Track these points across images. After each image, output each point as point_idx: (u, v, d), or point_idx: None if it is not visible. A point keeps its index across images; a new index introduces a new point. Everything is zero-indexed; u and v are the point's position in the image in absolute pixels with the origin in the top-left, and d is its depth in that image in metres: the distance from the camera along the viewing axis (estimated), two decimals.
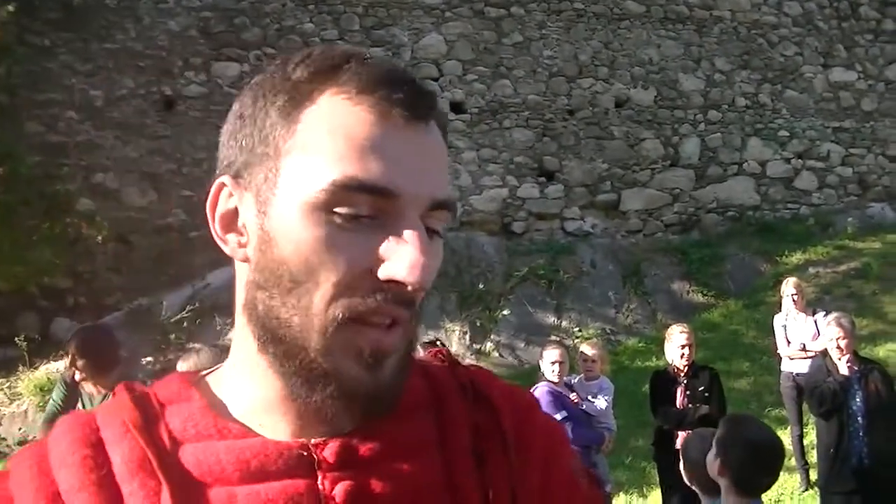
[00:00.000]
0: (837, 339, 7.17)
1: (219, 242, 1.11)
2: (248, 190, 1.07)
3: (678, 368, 7.83)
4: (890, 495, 6.87)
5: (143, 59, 14.48)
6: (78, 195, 13.53)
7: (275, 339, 1.04)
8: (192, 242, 13.82)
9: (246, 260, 1.07)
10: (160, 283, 13.27)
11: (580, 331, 13.49)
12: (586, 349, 8.20)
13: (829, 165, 17.66)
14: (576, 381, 7.88)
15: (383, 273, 1.00)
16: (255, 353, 1.07)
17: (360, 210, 1.00)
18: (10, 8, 12.99)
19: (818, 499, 7.70)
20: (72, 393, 6.18)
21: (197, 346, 10.90)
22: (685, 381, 7.73)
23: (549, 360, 7.45)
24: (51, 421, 6.16)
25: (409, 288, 0.99)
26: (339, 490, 1.03)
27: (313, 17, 15.41)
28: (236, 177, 1.09)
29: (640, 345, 13.48)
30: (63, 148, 13.83)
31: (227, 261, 1.10)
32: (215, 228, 1.10)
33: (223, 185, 1.10)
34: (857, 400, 6.98)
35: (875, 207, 17.46)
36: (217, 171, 1.12)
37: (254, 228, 1.06)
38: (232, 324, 1.15)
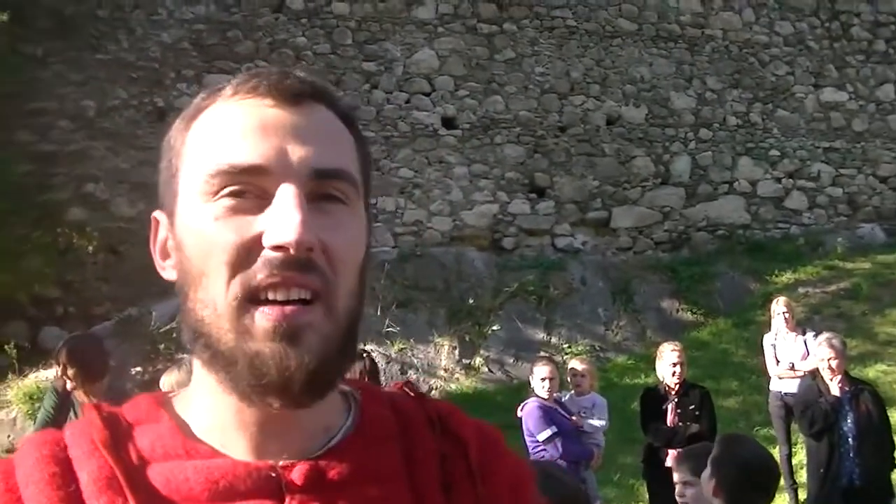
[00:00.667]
0: (829, 359, 7.18)
1: (161, 274, 1.16)
2: (166, 212, 1.14)
3: (669, 386, 7.86)
4: None
5: (136, 70, 14.48)
6: (69, 205, 13.52)
7: (199, 340, 1.05)
8: None
9: (175, 279, 1.11)
10: (149, 293, 13.18)
11: (569, 347, 13.49)
12: (576, 364, 8.22)
13: (820, 185, 17.69)
14: (567, 398, 7.89)
15: (266, 241, 1.01)
16: (200, 368, 1.09)
17: (241, 190, 1.03)
18: (3, 17, 12.99)
19: None
20: (63, 402, 6.18)
21: (185, 357, 10.90)
22: (676, 399, 7.76)
23: (540, 377, 7.47)
24: (42, 430, 6.15)
25: (292, 249, 0.99)
26: None
27: (306, 32, 15.41)
28: (162, 206, 1.16)
29: (629, 362, 13.49)
30: (54, 157, 13.80)
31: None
32: (157, 264, 1.16)
33: (155, 220, 1.17)
34: (849, 421, 6.99)
35: (865, 228, 17.48)
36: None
37: (171, 244, 1.13)
38: None
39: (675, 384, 7.82)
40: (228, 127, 1.06)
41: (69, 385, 6.12)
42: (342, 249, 1.05)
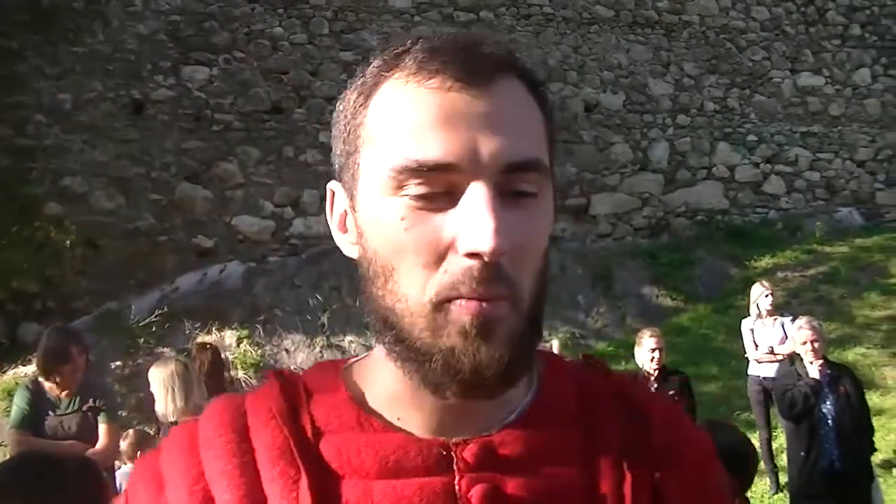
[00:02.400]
0: (811, 341, 7.18)
1: (340, 247, 1.15)
2: (346, 189, 1.11)
3: (648, 373, 7.88)
4: (859, 499, 6.91)
5: (112, 62, 14.39)
6: (46, 199, 13.45)
7: (386, 327, 1.04)
8: (161, 246, 13.79)
9: (358, 258, 1.10)
10: (129, 287, 13.20)
11: (549, 335, 13.48)
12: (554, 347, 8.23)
13: (798, 170, 17.76)
14: None
15: (461, 248, 0.98)
16: (385, 348, 1.08)
17: (430, 189, 0.99)
18: None
19: (788, 502, 7.73)
20: (37, 398, 6.16)
21: (167, 351, 10.89)
22: (656, 386, 7.76)
23: None
24: (17, 426, 6.14)
25: (486, 257, 0.96)
26: (476, 491, 1.03)
27: (282, 21, 15.36)
28: (340, 179, 1.12)
29: (610, 349, 13.48)
30: (31, 151, 13.73)
31: (196, 265, 1.12)
32: (335, 234, 1.15)
33: (332, 191, 1.15)
34: (828, 403, 7.01)
35: (843, 212, 17.58)
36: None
37: (353, 226, 1.10)
38: (200, 327, 1.15)
39: (655, 370, 7.85)
40: (413, 116, 1.01)
41: (41, 379, 6.15)
42: (530, 247, 1.03)
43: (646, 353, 7.91)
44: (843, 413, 6.97)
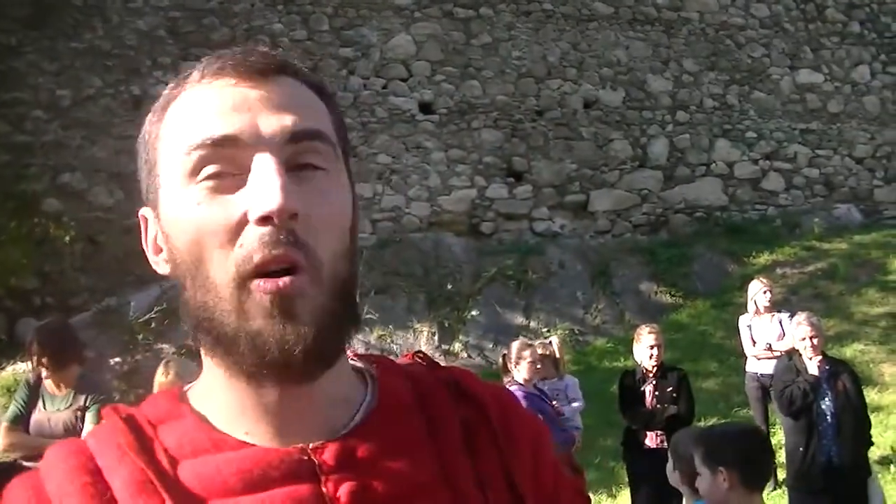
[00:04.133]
0: (810, 337, 7.18)
1: (156, 269, 1.16)
2: (151, 206, 1.14)
3: (647, 369, 7.90)
4: (857, 495, 6.92)
5: (111, 58, 14.40)
6: (45, 195, 13.46)
7: (199, 327, 1.05)
8: None
9: (171, 272, 1.11)
10: (128, 283, 13.19)
11: (548, 331, 13.47)
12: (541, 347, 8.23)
13: (796, 167, 17.75)
14: (547, 386, 7.91)
15: (251, 215, 1.00)
16: (206, 356, 1.10)
17: (219, 167, 1.04)
18: None
19: (786, 498, 7.74)
20: (34, 393, 6.15)
21: (165, 348, 10.87)
22: (654, 382, 7.80)
23: (528, 360, 7.40)
24: (13, 421, 6.13)
25: (275, 217, 0.99)
26: (344, 491, 1.04)
27: (282, 18, 15.36)
28: (146, 202, 1.16)
29: (609, 345, 13.50)
30: (30, 148, 13.74)
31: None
32: (151, 260, 1.16)
33: (143, 217, 1.17)
34: (827, 400, 7.01)
35: (841, 208, 17.56)
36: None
37: (161, 236, 1.12)
38: None
39: (653, 366, 7.86)
40: (200, 109, 1.06)
41: (43, 374, 6.12)
42: (325, 216, 1.05)
43: (644, 350, 7.93)
44: (842, 409, 6.97)
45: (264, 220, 0.99)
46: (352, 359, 1.21)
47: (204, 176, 1.03)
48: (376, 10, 15.79)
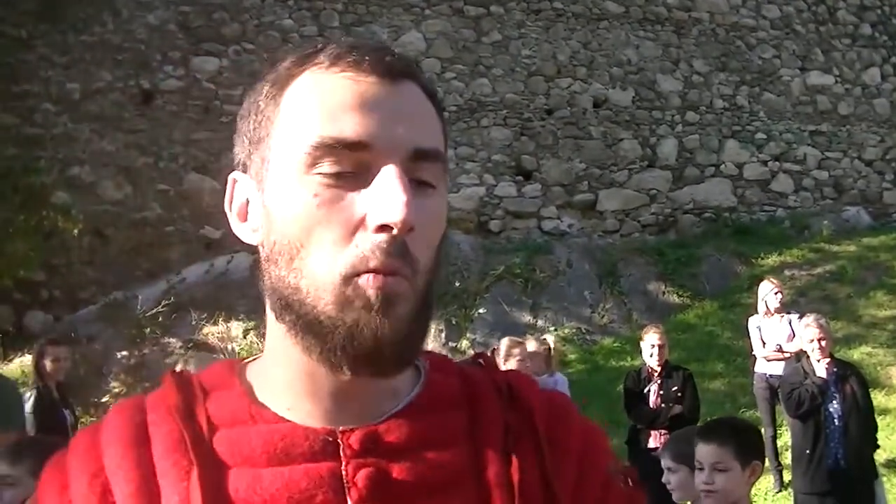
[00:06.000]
0: (818, 339, 7.17)
1: (239, 236, 1.19)
2: (252, 176, 1.14)
3: (652, 368, 7.90)
4: (863, 498, 6.91)
5: (121, 52, 14.42)
6: (53, 188, 13.45)
7: (288, 307, 1.06)
8: (168, 237, 13.81)
9: (259, 243, 1.12)
10: (135, 277, 13.23)
11: (555, 330, 13.47)
12: (529, 345, 8.25)
13: (806, 168, 17.74)
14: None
15: (370, 221, 1.02)
16: (278, 333, 1.11)
17: (342, 167, 1.04)
18: None
19: (791, 500, 7.73)
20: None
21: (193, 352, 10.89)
22: (659, 381, 7.80)
23: (517, 358, 7.45)
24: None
25: (396, 228, 1.00)
26: (361, 476, 1.05)
27: (293, 14, 15.38)
28: (244, 170, 1.16)
29: (616, 345, 13.48)
30: (39, 140, 13.76)
31: (203, 255, 1.13)
32: (233, 224, 1.18)
33: (234, 180, 1.18)
34: (835, 402, 7.00)
35: (850, 211, 17.54)
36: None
37: (258, 209, 1.13)
38: (206, 318, 1.16)
39: (658, 366, 7.88)
40: (330, 100, 1.06)
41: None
42: (432, 234, 1.08)
43: (647, 349, 7.96)
44: (850, 412, 6.96)
45: (383, 227, 1.01)
46: None
47: (325, 171, 1.04)
48: (386, 7, 15.81)
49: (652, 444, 7.66)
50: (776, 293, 9.82)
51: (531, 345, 8.18)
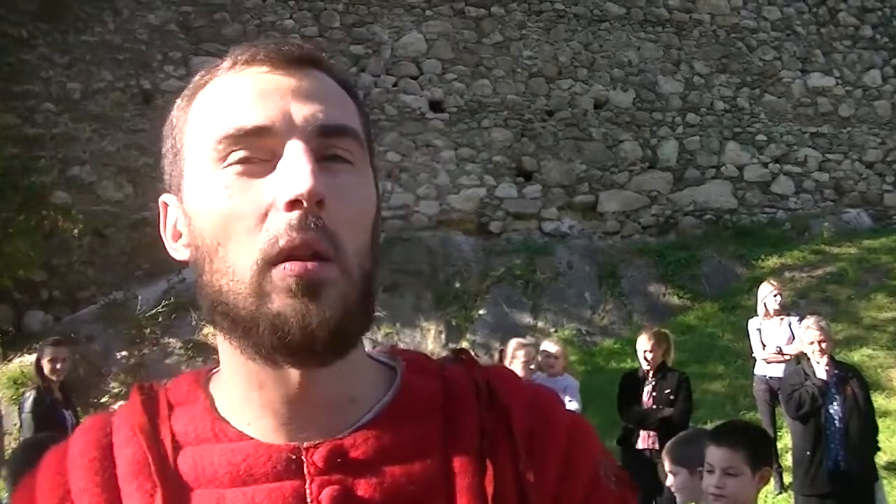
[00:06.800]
0: (818, 341, 7.17)
1: (174, 256, 1.18)
2: (174, 190, 1.16)
3: (645, 371, 7.93)
4: (863, 500, 6.91)
5: (122, 52, 14.42)
6: (54, 188, 13.46)
7: (216, 311, 1.06)
8: None
9: (189, 256, 1.12)
10: (135, 277, 13.22)
11: (556, 331, 13.48)
12: (548, 346, 8.26)
13: (806, 170, 17.73)
14: (538, 380, 7.90)
15: (279, 200, 1.01)
16: (223, 342, 1.10)
17: (250, 154, 1.04)
18: None
19: (792, 502, 7.73)
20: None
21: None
22: (653, 383, 7.84)
23: (522, 360, 7.48)
24: None
25: (304, 200, 0.99)
26: (326, 495, 1.03)
27: (294, 14, 15.38)
28: (170, 188, 1.17)
29: (616, 346, 13.49)
30: (39, 140, 13.75)
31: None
32: (168, 246, 1.18)
33: (164, 203, 1.19)
34: (835, 404, 6.99)
35: (851, 213, 17.52)
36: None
37: (182, 220, 1.13)
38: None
39: (648, 369, 7.91)
40: (231, 96, 1.07)
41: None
42: (351, 209, 1.06)
43: (640, 353, 8.00)
44: (851, 414, 6.96)
45: (292, 204, 0.99)
46: (384, 354, 1.22)
47: (233, 161, 1.04)
48: (388, 8, 15.80)
49: (640, 444, 7.68)
50: (776, 295, 9.82)
51: (552, 346, 8.21)
